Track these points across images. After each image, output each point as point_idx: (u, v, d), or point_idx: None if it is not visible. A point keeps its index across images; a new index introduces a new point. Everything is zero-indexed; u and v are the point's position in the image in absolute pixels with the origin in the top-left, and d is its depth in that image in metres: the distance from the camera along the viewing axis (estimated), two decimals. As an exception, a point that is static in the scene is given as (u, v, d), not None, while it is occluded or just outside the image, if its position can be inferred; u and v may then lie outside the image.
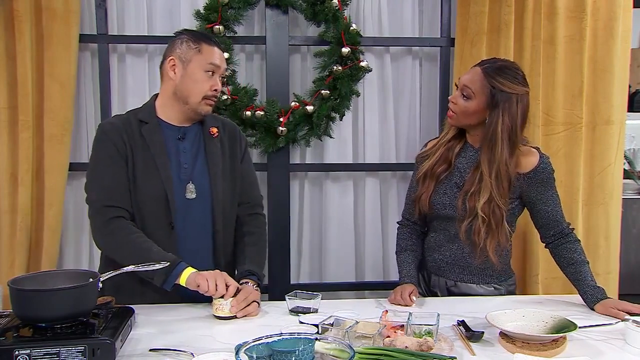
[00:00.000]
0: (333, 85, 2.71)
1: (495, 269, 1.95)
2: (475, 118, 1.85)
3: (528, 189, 1.89)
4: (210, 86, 1.85)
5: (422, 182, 1.97)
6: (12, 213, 2.53)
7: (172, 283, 1.70)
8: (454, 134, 1.96)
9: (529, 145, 1.93)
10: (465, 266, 1.95)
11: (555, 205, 1.92)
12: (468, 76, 1.86)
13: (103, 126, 1.87)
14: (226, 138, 1.98)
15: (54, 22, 2.52)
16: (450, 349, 1.39)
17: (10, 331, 1.33)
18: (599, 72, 2.70)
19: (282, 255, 2.82)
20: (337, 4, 2.65)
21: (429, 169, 1.96)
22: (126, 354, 1.39)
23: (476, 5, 2.64)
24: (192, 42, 1.84)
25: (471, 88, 1.83)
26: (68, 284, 1.40)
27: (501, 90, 1.80)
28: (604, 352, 1.42)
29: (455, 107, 1.87)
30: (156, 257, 1.66)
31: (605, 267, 2.74)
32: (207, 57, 1.83)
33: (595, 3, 2.66)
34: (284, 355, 1.16)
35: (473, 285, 1.96)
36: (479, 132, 1.89)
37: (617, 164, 2.73)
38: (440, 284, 2.00)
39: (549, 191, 1.91)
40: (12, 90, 2.51)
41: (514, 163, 1.84)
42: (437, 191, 1.94)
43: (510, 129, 1.80)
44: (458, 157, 1.95)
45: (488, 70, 1.83)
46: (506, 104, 1.79)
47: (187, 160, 1.88)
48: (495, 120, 1.80)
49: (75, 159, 2.70)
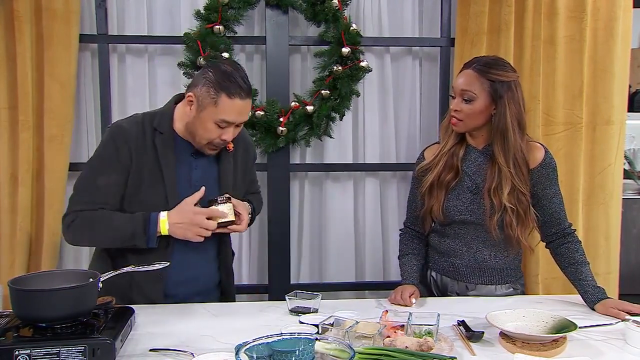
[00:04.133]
0: (333, 85, 2.71)
1: (511, 268, 1.96)
2: (482, 118, 1.86)
3: (535, 184, 1.90)
4: (218, 135, 1.75)
5: (430, 194, 1.96)
6: (12, 213, 2.53)
7: (154, 237, 1.71)
8: (454, 142, 1.95)
9: (533, 140, 1.94)
10: (485, 268, 1.95)
11: (559, 203, 1.93)
12: (463, 80, 1.86)
13: (112, 130, 1.80)
14: (240, 151, 1.95)
15: (54, 22, 2.52)
16: (451, 349, 1.39)
17: (10, 331, 1.33)
18: (599, 72, 2.70)
19: (282, 255, 2.82)
20: (337, 4, 2.65)
21: (435, 179, 1.94)
22: (126, 354, 1.39)
23: (476, 5, 2.64)
24: (212, 90, 1.69)
25: (471, 90, 1.83)
26: (68, 284, 1.40)
27: (500, 81, 1.82)
28: (604, 352, 1.43)
29: (460, 114, 1.86)
30: (121, 221, 1.72)
31: (605, 267, 2.74)
32: (221, 113, 1.70)
33: (596, 3, 2.66)
34: (284, 355, 1.16)
35: (492, 287, 1.96)
36: (484, 131, 1.90)
37: (617, 164, 2.73)
38: (460, 287, 1.98)
39: (554, 187, 1.92)
40: (12, 90, 2.51)
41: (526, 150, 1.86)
42: (449, 199, 1.93)
43: (519, 114, 1.84)
44: (464, 162, 1.94)
45: (479, 68, 1.84)
46: (509, 92, 1.82)
47: (198, 178, 1.84)
48: (503, 112, 1.82)
49: (76, 159, 2.70)
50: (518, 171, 1.84)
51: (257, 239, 2.92)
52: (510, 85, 1.83)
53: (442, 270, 2.02)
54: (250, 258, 2.94)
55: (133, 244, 1.72)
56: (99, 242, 1.82)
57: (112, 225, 1.73)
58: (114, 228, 1.73)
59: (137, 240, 1.71)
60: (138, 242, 1.71)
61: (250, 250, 2.94)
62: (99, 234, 1.75)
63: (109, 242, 1.78)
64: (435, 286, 2.04)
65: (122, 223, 1.73)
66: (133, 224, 1.71)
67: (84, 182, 1.79)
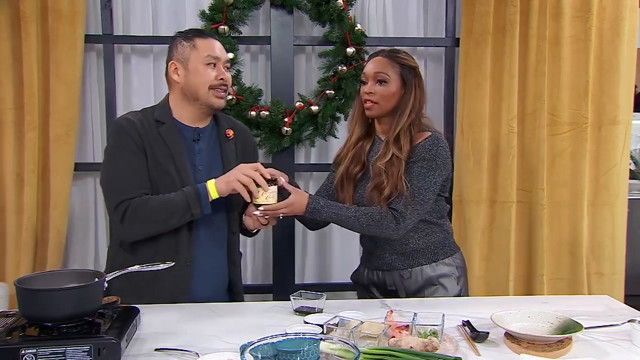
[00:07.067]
0: (338, 85, 2.71)
1: (436, 245, 1.94)
2: (394, 101, 1.88)
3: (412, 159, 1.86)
4: (215, 76, 1.81)
5: (341, 186, 1.98)
6: (18, 213, 2.55)
7: (208, 204, 1.74)
8: (359, 134, 1.97)
9: (427, 130, 1.91)
10: (408, 252, 1.93)
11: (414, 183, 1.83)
12: (375, 64, 1.90)
13: (119, 121, 1.83)
14: (239, 140, 1.97)
15: (59, 23, 2.53)
16: (456, 350, 1.39)
17: (16, 330, 1.33)
18: (604, 72, 2.69)
19: (287, 255, 2.82)
20: (342, 4, 2.65)
21: (344, 172, 1.97)
22: (131, 353, 1.39)
23: (481, 5, 2.64)
24: (185, 41, 1.82)
25: (385, 72, 1.87)
26: (74, 284, 1.41)
27: (409, 66, 1.89)
28: (610, 353, 1.42)
29: (374, 97, 1.88)
30: (172, 197, 1.73)
31: (610, 268, 2.73)
32: (204, 50, 1.81)
33: (601, 3, 2.66)
34: (289, 356, 1.16)
35: (426, 267, 1.92)
36: (392, 118, 1.90)
37: (622, 164, 2.72)
38: (395, 278, 1.95)
39: (418, 166, 1.85)
40: (18, 90, 2.53)
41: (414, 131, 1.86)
42: (357, 190, 1.95)
43: (421, 100, 1.90)
44: (370, 154, 1.95)
45: (388, 54, 1.90)
46: (416, 78, 1.90)
47: (202, 162, 1.87)
48: (409, 94, 1.87)
49: (81, 159, 2.72)
50: (399, 144, 1.83)
51: (261, 239, 2.93)
52: (417, 72, 1.91)
53: (373, 266, 2.00)
54: (254, 258, 2.94)
55: (190, 214, 1.73)
56: (156, 225, 1.76)
57: (165, 201, 1.74)
58: (167, 203, 1.73)
59: (192, 209, 1.72)
60: (194, 210, 1.72)
61: (255, 250, 2.94)
62: (155, 215, 1.74)
63: (165, 222, 1.75)
64: (374, 284, 2.01)
65: (174, 197, 1.74)
66: (184, 195, 1.73)
67: (114, 175, 1.79)
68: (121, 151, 1.79)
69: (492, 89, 2.71)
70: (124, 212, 1.73)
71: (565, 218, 2.76)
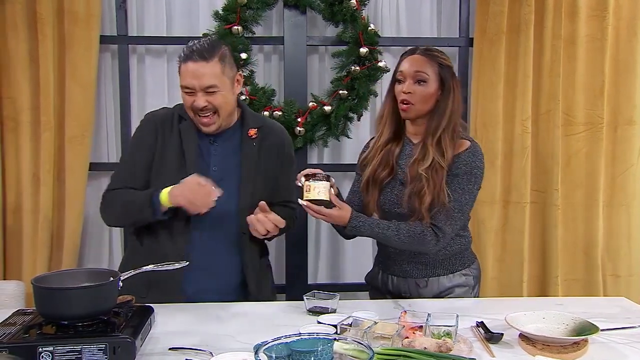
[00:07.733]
0: (351, 85, 2.71)
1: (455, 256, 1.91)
2: (431, 102, 1.81)
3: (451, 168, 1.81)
4: (190, 104, 1.79)
5: (366, 190, 1.91)
6: (34, 212, 2.58)
7: (159, 210, 1.76)
8: (388, 136, 1.90)
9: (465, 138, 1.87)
10: (428, 262, 1.89)
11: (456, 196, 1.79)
12: (412, 63, 1.82)
13: (145, 116, 1.95)
14: (268, 140, 1.94)
15: (75, 25, 2.56)
16: (470, 351, 1.38)
17: (33, 328, 1.35)
18: (621, 72, 2.66)
19: (300, 255, 2.83)
20: (355, 4, 2.65)
21: (370, 175, 1.90)
22: (146, 352, 1.40)
23: (495, 4, 2.62)
24: (178, 62, 1.81)
25: (424, 71, 1.80)
26: (89, 283, 1.42)
27: (446, 65, 1.82)
28: (627, 355, 1.40)
29: (413, 97, 1.80)
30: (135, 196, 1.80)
31: (627, 270, 2.70)
32: (182, 78, 1.79)
33: (618, 2, 2.63)
34: (302, 356, 1.16)
35: (443, 278, 1.90)
36: (426, 120, 1.84)
37: (639, 164, 2.69)
38: (410, 285, 1.92)
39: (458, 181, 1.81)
40: (34, 91, 2.56)
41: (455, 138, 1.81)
42: (383, 193, 1.90)
43: (460, 101, 1.82)
44: (399, 159, 1.89)
45: (425, 52, 1.83)
46: (454, 78, 1.82)
47: (217, 163, 1.88)
48: (448, 95, 1.79)
49: (96, 159, 2.74)
50: (441, 149, 1.77)
51: (274, 240, 2.91)
52: (453, 72, 1.83)
53: (390, 270, 1.96)
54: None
55: (142, 217, 1.80)
56: (121, 218, 1.93)
57: (128, 200, 1.83)
58: (129, 202, 1.82)
59: (145, 212, 1.77)
60: (146, 214, 1.77)
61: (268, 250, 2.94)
62: (115, 209, 1.87)
63: (125, 218, 1.90)
64: (388, 291, 1.97)
65: (134, 197, 1.82)
66: (141, 197, 1.79)
67: (117, 167, 1.95)
68: (131, 145, 1.95)
69: (506, 89, 2.69)
70: (102, 201, 1.89)
71: (580, 219, 2.74)
